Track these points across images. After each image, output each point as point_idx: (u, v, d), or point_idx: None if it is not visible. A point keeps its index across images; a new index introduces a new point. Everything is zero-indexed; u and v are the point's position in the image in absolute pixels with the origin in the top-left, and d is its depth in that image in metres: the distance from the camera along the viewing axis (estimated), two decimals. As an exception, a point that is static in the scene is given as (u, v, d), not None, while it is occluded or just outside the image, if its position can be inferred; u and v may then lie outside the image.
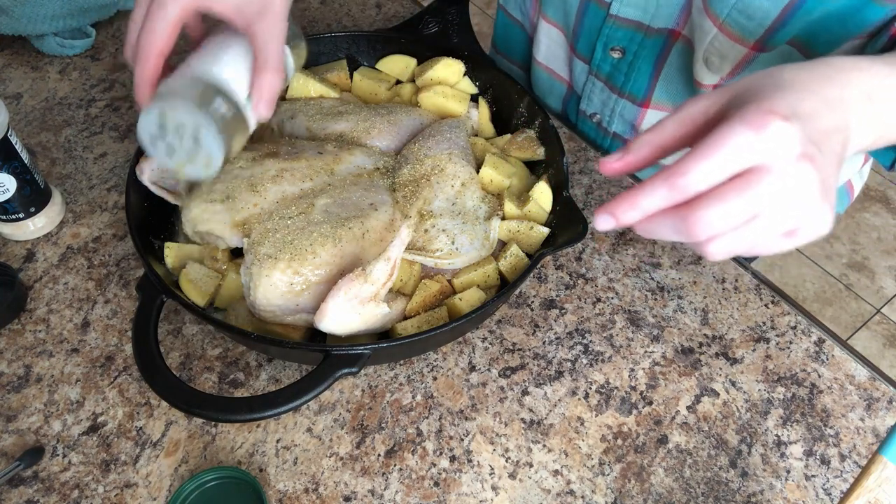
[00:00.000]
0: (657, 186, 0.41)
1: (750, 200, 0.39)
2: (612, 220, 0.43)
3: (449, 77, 0.81)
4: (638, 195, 0.42)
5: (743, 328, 0.71)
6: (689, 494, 0.61)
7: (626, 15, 0.74)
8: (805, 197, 0.40)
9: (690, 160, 0.40)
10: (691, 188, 0.40)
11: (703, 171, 0.40)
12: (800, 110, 0.41)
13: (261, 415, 0.55)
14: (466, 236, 0.67)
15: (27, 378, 0.67)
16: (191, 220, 0.67)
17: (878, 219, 2.15)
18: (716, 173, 0.40)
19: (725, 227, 0.40)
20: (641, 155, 0.45)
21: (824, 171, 0.41)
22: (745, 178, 0.40)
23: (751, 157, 0.39)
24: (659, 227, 0.42)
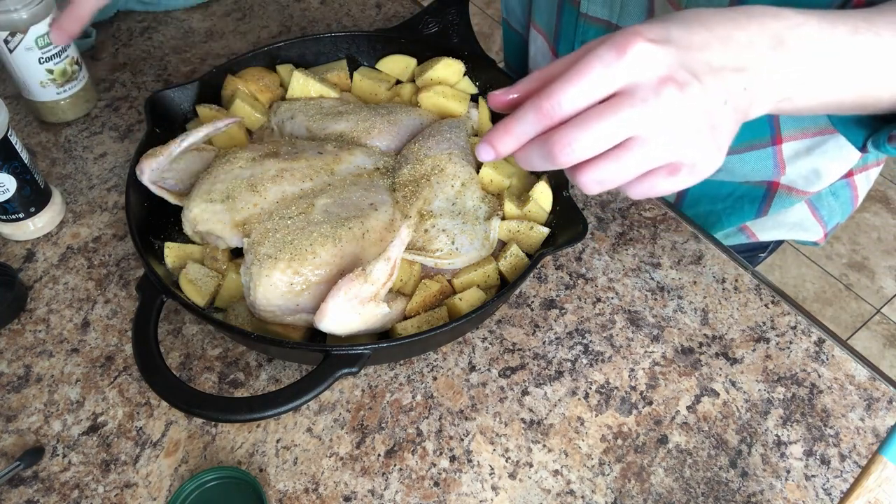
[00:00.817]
0: (527, 111, 0.41)
1: (611, 123, 0.39)
2: (492, 150, 0.43)
3: (449, 77, 0.81)
4: (511, 122, 0.41)
5: (743, 328, 0.71)
6: (689, 494, 0.61)
7: (595, 13, 0.74)
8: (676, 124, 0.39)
9: (556, 84, 0.40)
10: (557, 112, 0.40)
11: (567, 95, 0.39)
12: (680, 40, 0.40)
13: (261, 415, 0.55)
14: (466, 236, 0.67)
15: (27, 378, 0.67)
16: (191, 220, 0.67)
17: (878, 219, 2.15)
18: (581, 97, 0.39)
19: (589, 151, 0.40)
20: (526, 88, 0.44)
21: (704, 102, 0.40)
22: (610, 101, 0.39)
23: (613, 79, 0.39)
24: (530, 154, 0.42)
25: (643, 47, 0.39)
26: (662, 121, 0.39)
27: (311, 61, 0.85)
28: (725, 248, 0.78)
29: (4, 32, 0.78)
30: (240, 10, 1.06)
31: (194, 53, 0.99)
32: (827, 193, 0.87)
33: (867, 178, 0.88)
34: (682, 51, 0.40)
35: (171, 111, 0.77)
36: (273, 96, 0.81)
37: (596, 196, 0.81)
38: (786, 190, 0.82)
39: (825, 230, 0.89)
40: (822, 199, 0.86)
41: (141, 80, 0.95)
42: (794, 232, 0.89)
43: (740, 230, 0.89)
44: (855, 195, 0.89)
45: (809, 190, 0.81)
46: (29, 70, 0.82)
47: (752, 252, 0.94)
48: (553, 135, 0.40)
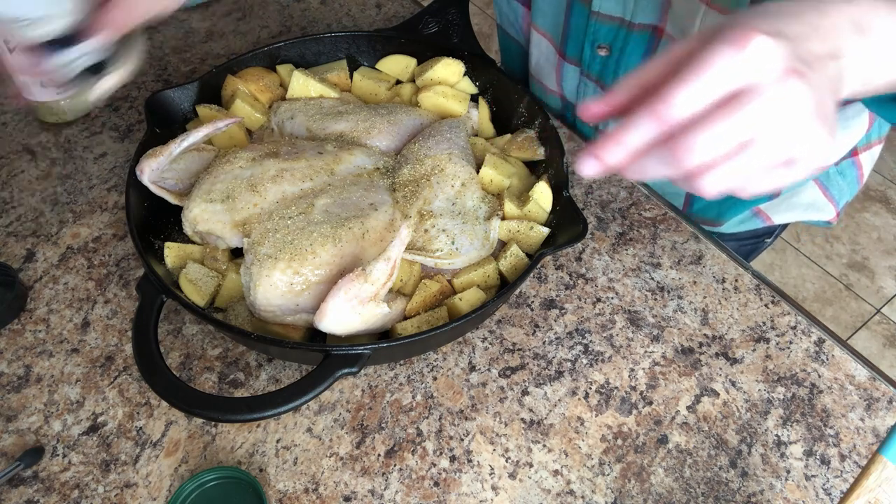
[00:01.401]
0: (641, 119, 0.39)
1: (739, 122, 0.37)
2: (597, 163, 0.41)
3: (449, 77, 0.81)
4: (622, 132, 0.39)
5: (743, 328, 0.71)
6: (689, 494, 0.61)
7: (607, 11, 0.74)
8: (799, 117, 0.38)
9: (673, 87, 0.38)
10: (676, 116, 0.38)
11: (687, 97, 0.38)
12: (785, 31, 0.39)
13: (261, 415, 0.55)
14: (466, 236, 0.67)
15: (27, 378, 0.67)
16: (191, 220, 0.67)
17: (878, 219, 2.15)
18: (701, 98, 0.38)
19: (716, 153, 0.38)
20: (623, 96, 0.42)
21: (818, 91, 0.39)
22: (733, 100, 0.38)
23: (735, 76, 0.37)
24: (647, 162, 0.40)
25: (763, 41, 0.37)
26: (787, 116, 0.38)
27: (311, 61, 0.85)
28: (725, 248, 0.78)
29: None
30: (240, 10, 1.06)
31: (194, 53, 0.99)
32: (835, 173, 0.88)
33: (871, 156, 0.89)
34: (792, 42, 0.39)
35: (171, 111, 0.77)
36: (273, 96, 0.81)
37: (596, 196, 0.82)
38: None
39: (837, 209, 0.90)
40: (830, 178, 0.88)
41: (141, 80, 0.95)
42: (808, 212, 0.89)
43: (755, 214, 0.89)
44: (860, 174, 0.90)
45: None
46: None
47: (759, 238, 0.95)
48: (678, 139, 0.38)
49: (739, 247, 0.95)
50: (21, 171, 0.84)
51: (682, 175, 0.39)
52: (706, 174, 0.39)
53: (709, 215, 0.89)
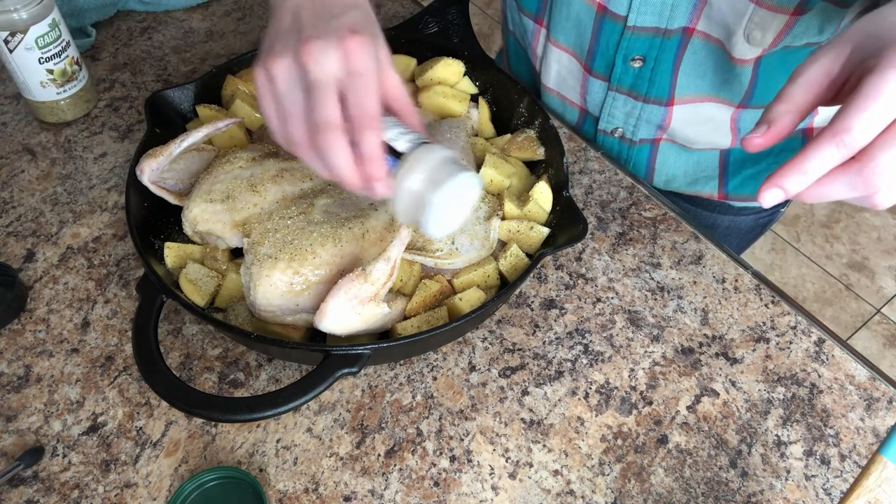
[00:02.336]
0: (824, 147, 0.42)
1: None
2: (781, 192, 0.43)
3: (449, 77, 0.81)
4: (805, 161, 0.42)
5: (743, 328, 0.71)
6: (689, 494, 0.61)
7: (644, 23, 0.74)
8: None
9: (851, 116, 0.41)
10: (858, 142, 0.41)
11: (865, 124, 0.41)
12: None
13: (261, 415, 0.55)
14: (466, 236, 0.67)
15: (27, 378, 0.67)
16: (191, 220, 0.67)
17: (878, 219, 2.15)
18: (878, 123, 0.41)
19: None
20: (783, 124, 0.46)
21: None
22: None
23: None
24: (832, 187, 0.43)
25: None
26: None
27: (311, 61, 0.85)
28: (725, 248, 0.78)
29: (4, 32, 0.78)
30: (240, 10, 1.06)
31: (194, 53, 0.99)
32: None
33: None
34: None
35: (171, 111, 0.77)
36: (273, 96, 0.81)
37: (596, 196, 0.82)
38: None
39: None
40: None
41: (141, 80, 0.95)
42: None
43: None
44: None
45: None
46: (29, 70, 0.82)
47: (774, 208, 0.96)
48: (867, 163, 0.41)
49: (759, 219, 0.96)
50: (21, 171, 0.84)
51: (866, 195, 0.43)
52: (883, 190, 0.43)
53: (745, 191, 0.90)
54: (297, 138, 0.49)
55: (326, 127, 0.47)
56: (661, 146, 0.86)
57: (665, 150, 0.87)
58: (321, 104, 0.47)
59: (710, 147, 0.85)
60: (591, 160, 0.85)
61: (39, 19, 0.78)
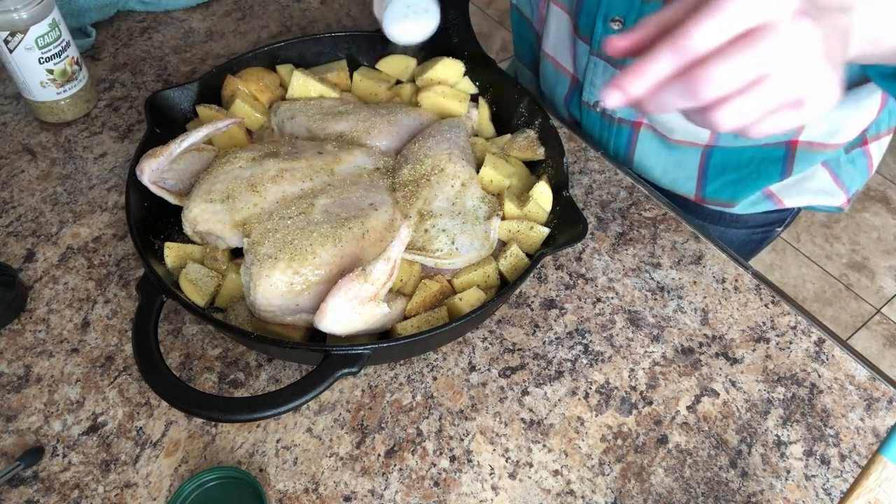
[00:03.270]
0: (663, 52, 0.41)
1: (754, 57, 0.40)
2: (621, 94, 0.43)
3: (449, 77, 0.81)
4: (644, 64, 0.42)
5: (743, 328, 0.71)
6: (689, 494, 0.61)
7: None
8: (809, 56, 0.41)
9: (693, 22, 0.41)
10: (696, 49, 0.41)
11: (706, 31, 0.40)
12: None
13: (261, 415, 0.55)
14: (466, 236, 0.67)
15: (27, 378, 0.67)
16: (191, 220, 0.67)
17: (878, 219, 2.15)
18: (719, 33, 0.41)
19: (732, 86, 0.41)
20: (646, 32, 0.45)
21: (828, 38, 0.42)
22: (748, 35, 0.40)
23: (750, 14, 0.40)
24: (667, 94, 0.42)
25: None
26: (797, 54, 0.41)
27: (311, 61, 0.85)
28: (725, 248, 0.78)
29: (4, 32, 0.78)
30: (240, 10, 1.06)
31: (194, 53, 0.99)
32: (846, 161, 0.89)
33: (880, 146, 0.91)
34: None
35: (171, 111, 0.77)
36: (273, 96, 0.81)
37: (596, 196, 0.82)
38: (806, 146, 0.83)
39: (847, 195, 0.92)
40: (841, 165, 0.89)
41: (141, 80, 0.95)
42: (820, 198, 0.91)
43: (767, 197, 0.90)
44: (870, 163, 0.92)
45: (830, 143, 0.83)
46: (29, 70, 0.82)
47: (770, 225, 0.96)
48: (697, 70, 0.41)
49: (752, 234, 0.96)
50: (21, 171, 0.84)
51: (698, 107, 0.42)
52: (721, 108, 0.42)
53: (722, 197, 0.89)
54: None
55: None
56: (642, 134, 0.86)
57: (646, 139, 0.87)
58: None
59: (690, 141, 0.84)
60: (591, 160, 0.85)
61: (39, 19, 0.78)
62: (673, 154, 0.87)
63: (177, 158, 0.70)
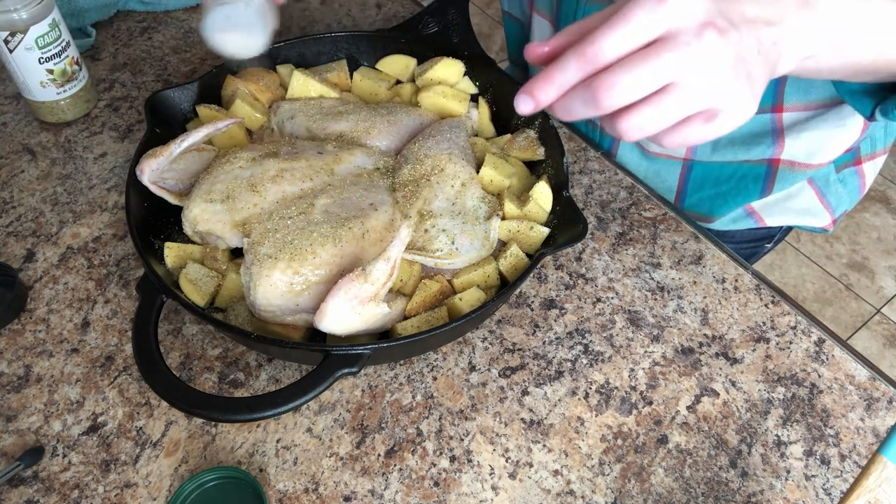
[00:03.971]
0: (569, 59, 0.42)
1: (654, 66, 0.40)
2: (531, 100, 0.43)
3: (449, 77, 0.81)
4: (552, 71, 0.42)
5: (743, 328, 0.71)
6: (689, 494, 0.61)
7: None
8: (716, 70, 0.41)
9: (598, 31, 0.41)
10: (600, 58, 0.41)
11: (610, 41, 0.40)
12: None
13: (261, 415, 0.55)
14: (466, 236, 0.67)
15: (27, 378, 0.67)
16: (191, 220, 0.67)
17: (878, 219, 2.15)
18: (623, 43, 0.41)
19: (632, 94, 0.41)
20: (564, 40, 0.45)
21: (741, 50, 0.41)
22: (652, 46, 0.40)
23: (655, 24, 0.40)
24: (571, 101, 0.42)
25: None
26: (703, 65, 0.41)
27: (311, 61, 0.85)
28: (725, 248, 0.78)
29: (4, 32, 0.78)
30: (240, 10, 1.06)
31: (194, 53, 0.99)
32: (835, 180, 0.87)
33: (874, 165, 0.89)
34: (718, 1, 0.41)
35: (171, 111, 0.77)
36: (273, 96, 0.81)
37: (596, 196, 0.82)
38: (787, 165, 0.81)
39: (833, 217, 0.89)
40: (829, 185, 0.87)
41: (141, 80, 0.95)
42: (803, 218, 0.89)
43: (748, 214, 0.89)
44: (863, 183, 0.90)
45: (811, 163, 0.81)
46: (29, 70, 0.82)
47: (758, 242, 0.95)
48: (597, 79, 0.41)
49: (739, 249, 0.95)
50: (21, 171, 0.84)
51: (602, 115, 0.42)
52: (626, 116, 0.42)
53: (700, 210, 0.89)
54: None
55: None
56: (622, 143, 0.86)
57: (626, 149, 0.86)
58: None
59: (667, 154, 0.84)
60: (591, 160, 0.85)
61: (39, 19, 0.78)
62: (653, 165, 0.86)
63: (177, 158, 0.70)
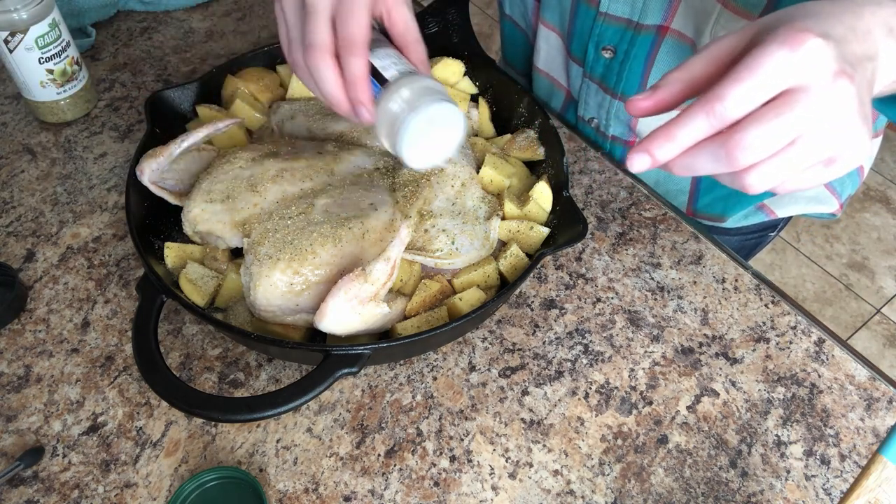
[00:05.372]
0: (694, 115, 0.40)
1: (790, 121, 0.38)
2: (648, 158, 0.42)
3: (449, 77, 0.81)
4: (674, 128, 0.40)
5: (743, 328, 0.71)
6: (689, 494, 0.61)
7: (615, 12, 0.74)
8: (844, 116, 0.39)
9: (727, 85, 0.39)
10: (729, 114, 0.39)
11: (740, 95, 0.39)
12: (832, 33, 0.40)
13: (261, 415, 0.55)
14: (466, 236, 0.67)
15: (27, 378, 0.67)
16: (191, 220, 0.67)
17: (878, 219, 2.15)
18: (753, 96, 0.39)
19: (767, 150, 0.39)
20: (670, 92, 0.43)
21: (862, 93, 0.40)
22: (784, 98, 0.39)
23: (788, 76, 0.39)
24: (698, 158, 0.41)
25: (816, 42, 0.38)
26: (834, 114, 0.39)
27: (311, 61, 0.85)
28: (725, 248, 0.78)
29: (4, 32, 0.78)
30: (240, 10, 1.06)
31: (194, 53, 0.99)
32: None
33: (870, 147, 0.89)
34: (839, 44, 0.40)
35: (171, 111, 0.77)
36: (273, 96, 0.81)
37: (596, 196, 0.81)
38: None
39: (840, 201, 0.90)
40: None
41: (141, 80, 0.95)
42: (811, 205, 0.89)
43: (759, 209, 0.89)
44: (861, 168, 0.90)
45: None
46: (29, 70, 0.82)
47: (763, 231, 0.95)
48: (731, 137, 0.39)
49: (744, 240, 0.95)
50: (21, 171, 0.84)
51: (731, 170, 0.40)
52: (754, 171, 0.40)
53: (713, 212, 0.89)
54: (296, 60, 0.54)
55: (314, 48, 0.51)
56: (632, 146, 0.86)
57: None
58: (312, 27, 0.51)
59: None
60: (591, 160, 0.85)
61: (39, 19, 0.78)
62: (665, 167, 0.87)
63: (177, 159, 0.70)
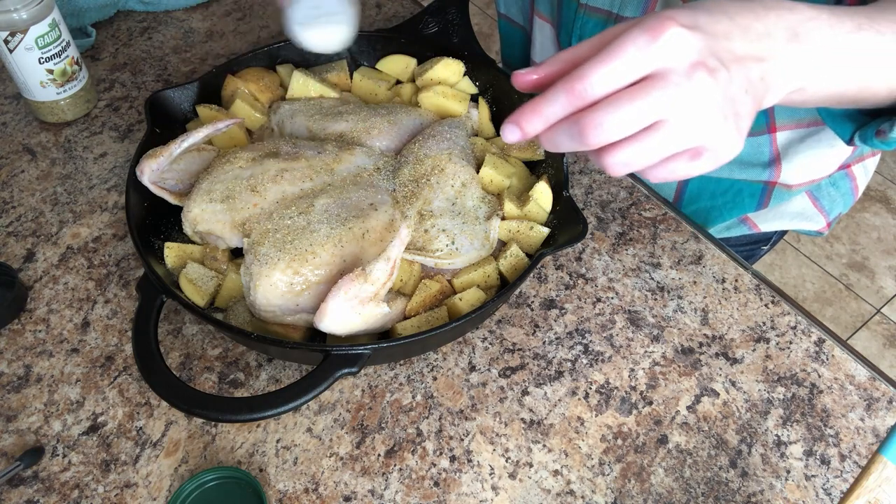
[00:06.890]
0: (558, 93, 0.41)
1: (643, 105, 0.39)
2: (518, 130, 0.43)
3: (449, 77, 0.81)
4: (540, 103, 0.42)
5: (743, 328, 0.71)
6: (689, 494, 0.61)
7: (595, 4, 0.74)
8: (703, 109, 0.40)
9: (588, 66, 0.40)
10: (589, 93, 0.40)
11: (599, 76, 0.40)
12: (707, 27, 0.41)
13: (261, 415, 0.55)
14: (466, 236, 0.67)
15: (27, 378, 0.67)
16: (191, 220, 0.67)
17: (878, 219, 2.15)
18: (612, 79, 0.40)
19: (619, 132, 0.40)
20: (552, 69, 0.45)
21: (730, 89, 0.41)
22: (641, 84, 0.40)
23: (645, 62, 0.40)
24: (558, 133, 0.42)
25: (677, 32, 0.39)
26: (691, 105, 0.40)
27: (311, 61, 0.85)
28: (725, 248, 0.78)
29: (4, 32, 0.78)
30: (240, 10, 1.06)
31: (194, 53, 0.99)
32: (827, 184, 0.87)
33: (865, 168, 0.89)
34: (710, 38, 0.41)
35: (171, 111, 0.77)
36: (273, 96, 0.81)
37: (596, 196, 0.82)
38: (784, 186, 0.82)
39: (828, 220, 0.90)
40: (821, 189, 0.87)
41: (141, 80, 0.95)
42: (797, 222, 0.89)
43: (742, 221, 0.89)
44: (854, 186, 0.90)
45: (806, 181, 0.82)
46: (29, 70, 0.82)
47: (754, 244, 0.95)
48: (585, 115, 0.40)
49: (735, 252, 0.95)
50: (21, 171, 0.84)
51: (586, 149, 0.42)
52: (612, 153, 0.41)
53: (695, 221, 0.89)
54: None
55: None
56: None
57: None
58: None
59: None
60: (590, 160, 0.85)
61: (39, 19, 0.78)
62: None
63: (177, 159, 0.70)
